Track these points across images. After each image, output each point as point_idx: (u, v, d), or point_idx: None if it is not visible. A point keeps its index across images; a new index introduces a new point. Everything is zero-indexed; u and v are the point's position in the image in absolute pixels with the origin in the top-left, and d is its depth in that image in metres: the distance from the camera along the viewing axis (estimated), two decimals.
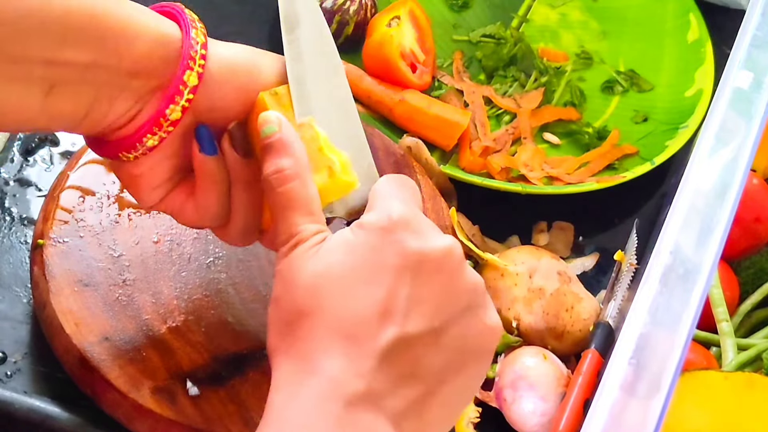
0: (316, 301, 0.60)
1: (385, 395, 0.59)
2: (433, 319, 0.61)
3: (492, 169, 0.97)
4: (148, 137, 0.67)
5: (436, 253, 0.61)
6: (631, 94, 1.07)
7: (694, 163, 0.72)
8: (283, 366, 0.60)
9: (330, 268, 0.61)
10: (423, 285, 0.61)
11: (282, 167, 0.65)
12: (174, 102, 0.66)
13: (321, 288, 0.60)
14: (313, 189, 0.65)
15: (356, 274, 0.60)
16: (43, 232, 0.82)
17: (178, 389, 0.76)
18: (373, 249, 0.61)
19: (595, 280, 0.94)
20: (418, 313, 0.60)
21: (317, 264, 0.61)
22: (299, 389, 0.58)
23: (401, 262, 0.60)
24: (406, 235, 0.61)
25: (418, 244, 0.61)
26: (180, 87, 0.66)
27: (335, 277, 0.60)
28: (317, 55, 0.68)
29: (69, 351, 0.77)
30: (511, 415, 0.83)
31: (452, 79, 1.04)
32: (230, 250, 0.83)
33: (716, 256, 0.68)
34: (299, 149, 0.66)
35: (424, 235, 0.62)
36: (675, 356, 0.64)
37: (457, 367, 0.61)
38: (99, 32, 0.64)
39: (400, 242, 0.61)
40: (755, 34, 0.78)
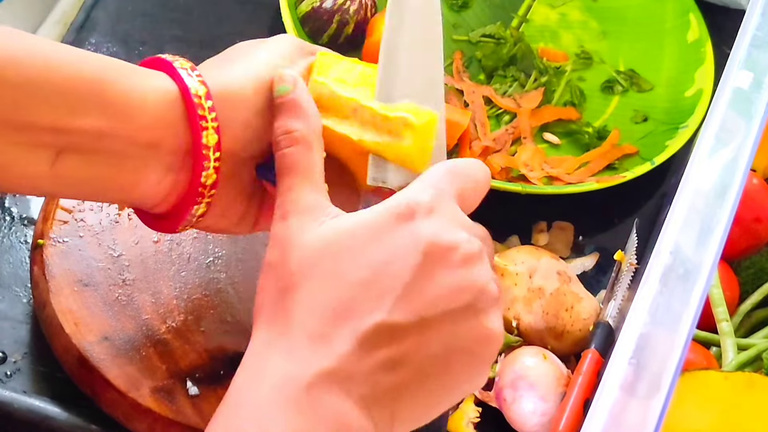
0: (308, 273, 0.59)
1: (355, 378, 0.57)
2: (425, 313, 0.59)
3: (492, 169, 0.97)
4: (195, 208, 0.66)
5: (443, 246, 0.59)
6: (631, 94, 1.07)
7: (694, 163, 0.72)
8: (257, 337, 0.59)
9: (331, 241, 0.59)
10: (422, 276, 0.59)
11: (291, 128, 0.63)
12: (204, 168, 0.65)
13: (316, 260, 0.59)
14: (318, 156, 0.63)
15: (355, 253, 0.59)
16: (43, 232, 0.82)
17: (177, 389, 0.76)
18: (380, 231, 0.59)
19: (595, 280, 0.94)
20: (410, 305, 0.58)
21: (320, 235, 0.59)
22: (264, 368, 0.57)
23: (406, 250, 0.59)
24: (420, 223, 0.59)
25: (428, 234, 0.59)
26: (204, 152, 0.64)
27: (334, 251, 0.59)
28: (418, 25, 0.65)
29: (68, 351, 0.77)
30: (511, 415, 0.83)
31: (452, 79, 1.04)
32: (230, 250, 0.83)
33: (716, 256, 0.68)
34: (311, 112, 0.64)
35: (439, 226, 0.60)
36: (675, 356, 0.64)
37: (441, 364, 0.59)
38: (105, 100, 0.62)
39: (412, 230, 0.59)
40: (755, 34, 0.78)
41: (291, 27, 1.00)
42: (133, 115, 0.63)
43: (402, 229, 0.59)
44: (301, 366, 0.57)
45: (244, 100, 0.66)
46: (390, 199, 0.60)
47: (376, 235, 0.59)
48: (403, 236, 0.59)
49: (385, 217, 0.59)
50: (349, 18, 1.03)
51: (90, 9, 1.04)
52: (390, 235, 0.59)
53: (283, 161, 0.63)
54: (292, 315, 0.58)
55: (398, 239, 0.59)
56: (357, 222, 0.60)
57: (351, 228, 0.59)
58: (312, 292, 0.58)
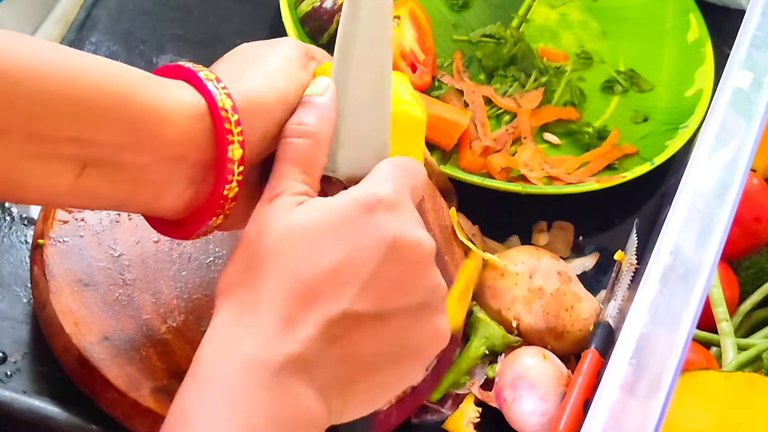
0: (279, 254, 0.60)
1: (317, 365, 0.59)
2: (383, 305, 0.60)
3: (492, 169, 0.97)
4: (213, 219, 0.66)
5: (408, 243, 0.61)
6: (631, 94, 1.07)
7: (694, 163, 0.72)
8: (224, 312, 0.60)
9: (302, 225, 0.60)
10: (385, 270, 0.60)
11: (304, 122, 0.64)
12: (228, 182, 0.65)
13: (287, 242, 0.60)
14: (322, 158, 0.64)
15: (324, 240, 0.60)
16: (43, 231, 0.82)
17: (177, 389, 0.76)
18: (348, 221, 0.61)
19: (595, 280, 0.94)
20: (372, 296, 0.60)
21: (293, 219, 0.61)
22: (232, 346, 0.58)
23: (373, 242, 0.60)
24: (386, 217, 0.61)
25: (394, 229, 0.61)
26: (228, 165, 0.64)
27: (305, 235, 0.60)
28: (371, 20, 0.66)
29: (68, 350, 0.77)
30: (511, 415, 0.83)
31: (452, 79, 1.04)
32: (230, 250, 0.83)
33: (716, 256, 0.68)
34: (329, 119, 0.65)
35: (403, 222, 0.62)
36: (675, 356, 0.64)
37: (392, 359, 0.61)
38: (130, 113, 0.62)
39: (377, 223, 0.61)
40: (755, 34, 0.78)
41: (291, 27, 1.00)
42: (158, 129, 0.63)
43: (368, 220, 0.61)
44: (271, 348, 0.58)
45: (265, 112, 0.66)
46: (355, 189, 0.62)
47: (345, 224, 0.61)
48: (369, 228, 0.61)
49: (354, 206, 0.61)
50: None
51: (91, 8, 1.04)
52: (357, 226, 0.61)
53: (287, 148, 0.64)
54: (260, 294, 0.59)
55: (365, 230, 0.61)
56: (326, 210, 0.61)
57: (320, 215, 0.61)
58: (280, 275, 0.59)
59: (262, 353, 0.58)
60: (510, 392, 0.83)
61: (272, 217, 0.61)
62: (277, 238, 0.60)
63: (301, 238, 0.60)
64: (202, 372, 0.58)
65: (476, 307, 0.87)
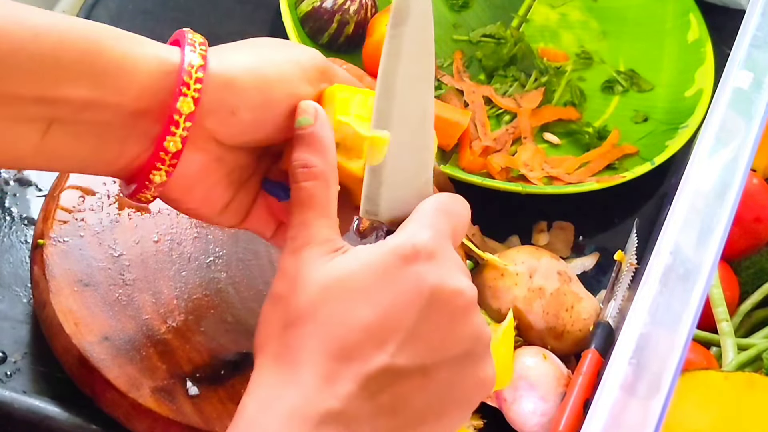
0: (316, 311, 0.59)
1: (357, 420, 0.58)
2: (427, 358, 0.59)
3: (492, 169, 0.97)
4: (153, 174, 0.65)
5: (448, 293, 0.60)
6: (631, 94, 1.07)
7: (694, 163, 0.72)
8: (265, 369, 0.59)
9: (340, 280, 0.59)
10: (426, 322, 0.59)
11: (309, 163, 0.63)
12: (171, 133, 0.63)
13: (325, 298, 0.59)
14: (334, 192, 0.63)
15: (363, 293, 0.59)
16: (43, 231, 0.82)
17: (177, 389, 0.76)
18: (387, 272, 0.59)
19: (595, 280, 0.94)
20: (413, 349, 0.59)
21: (329, 272, 0.60)
22: (275, 401, 0.58)
23: (412, 294, 0.59)
24: (424, 268, 0.60)
25: (433, 280, 0.59)
26: (174, 117, 0.63)
27: (342, 289, 0.59)
28: (413, 58, 0.65)
29: (69, 351, 0.77)
30: (511, 415, 0.83)
31: (452, 79, 1.04)
32: (230, 250, 0.83)
33: (716, 256, 0.68)
34: (330, 148, 0.64)
35: (444, 271, 0.60)
36: (675, 356, 0.64)
37: (438, 411, 0.60)
38: (95, 67, 0.61)
39: (417, 274, 0.59)
40: (755, 34, 0.78)
41: (291, 27, 1.00)
42: (122, 82, 0.62)
43: (407, 272, 0.59)
44: (311, 404, 0.57)
45: (239, 89, 0.65)
46: (393, 239, 0.61)
47: (382, 276, 0.59)
48: (407, 280, 0.59)
49: (391, 258, 0.60)
50: (350, 18, 1.03)
51: (90, 8, 1.04)
52: (395, 278, 0.59)
53: (300, 194, 0.63)
54: (299, 352, 0.58)
55: (403, 282, 0.59)
56: (363, 262, 0.60)
57: (357, 268, 0.60)
58: (319, 331, 0.58)
59: (303, 408, 0.57)
60: (510, 392, 0.83)
61: (305, 272, 0.60)
62: (313, 295, 0.59)
63: (339, 294, 0.59)
64: (244, 425, 0.58)
65: None
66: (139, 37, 0.64)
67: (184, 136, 0.63)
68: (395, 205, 0.65)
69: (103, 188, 0.85)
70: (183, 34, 0.65)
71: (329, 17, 1.02)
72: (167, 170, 0.65)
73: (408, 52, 0.65)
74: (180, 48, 0.64)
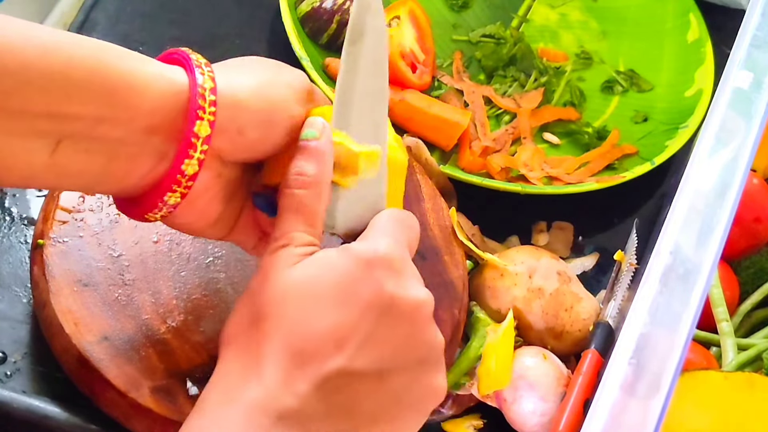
0: (280, 309, 0.61)
1: (313, 419, 0.60)
2: (383, 363, 0.62)
3: (492, 169, 0.97)
4: (168, 195, 0.65)
5: (407, 303, 0.63)
6: (631, 94, 1.07)
7: (694, 163, 0.73)
8: (229, 361, 0.62)
9: (304, 280, 0.62)
10: (384, 327, 0.62)
11: (305, 172, 0.65)
12: (189, 156, 0.64)
13: (290, 297, 0.62)
14: (323, 206, 0.65)
15: (325, 296, 0.61)
16: (43, 232, 0.82)
17: (177, 389, 0.76)
18: (349, 277, 0.62)
19: (595, 280, 0.94)
20: (370, 353, 0.61)
21: (295, 273, 0.62)
22: (236, 394, 0.60)
23: (372, 300, 0.62)
24: (385, 274, 0.62)
25: (393, 287, 0.62)
26: (192, 140, 0.64)
27: (305, 291, 0.62)
28: (369, 73, 0.68)
29: (68, 351, 0.77)
30: (511, 415, 0.83)
31: (452, 79, 1.04)
32: (229, 250, 0.83)
33: (716, 256, 0.68)
34: (328, 163, 0.66)
35: (403, 281, 0.63)
36: (675, 356, 0.64)
37: (391, 415, 0.62)
38: (104, 85, 0.62)
39: (378, 280, 0.62)
40: (755, 34, 0.78)
41: (291, 27, 1.00)
42: (133, 100, 0.63)
43: (367, 278, 0.62)
44: (271, 401, 0.59)
45: (246, 110, 0.66)
46: (355, 244, 0.64)
47: (344, 280, 0.62)
48: (368, 285, 0.62)
49: (352, 263, 0.62)
50: None
51: (89, 10, 1.04)
52: (356, 283, 0.62)
53: (290, 200, 0.65)
54: (262, 349, 0.61)
55: (364, 287, 0.62)
56: (326, 265, 0.63)
57: (321, 271, 0.62)
58: (282, 330, 0.61)
59: (263, 403, 0.59)
60: (510, 392, 0.83)
61: (275, 270, 0.63)
62: (279, 293, 0.62)
63: (302, 295, 0.62)
64: (206, 415, 0.60)
65: (476, 307, 0.87)
66: (141, 55, 0.65)
67: (201, 159, 0.65)
68: (351, 217, 0.68)
69: None
70: (185, 55, 0.66)
71: (329, 17, 1.02)
72: (183, 192, 0.66)
73: (364, 68, 0.67)
74: (185, 69, 0.65)
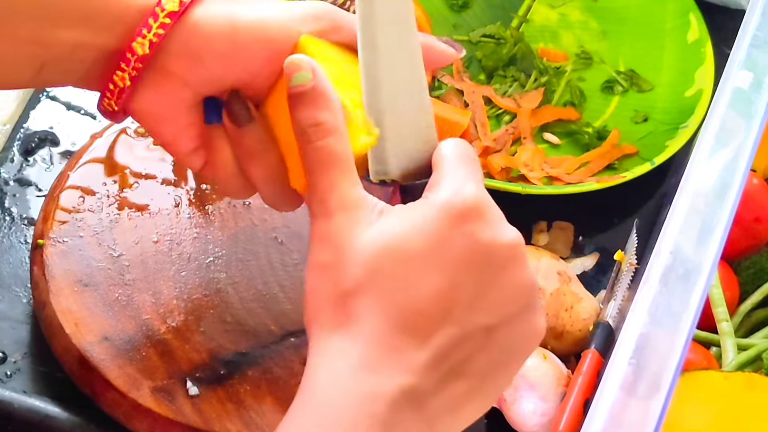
0: (375, 281, 0.56)
1: (429, 394, 0.56)
2: (490, 318, 0.58)
3: (492, 169, 0.97)
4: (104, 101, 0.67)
5: (504, 249, 0.58)
6: (631, 94, 1.07)
7: (694, 163, 0.73)
8: (325, 341, 0.57)
9: (394, 245, 0.57)
10: (486, 282, 0.58)
11: (321, 120, 0.60)
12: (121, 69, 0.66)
13: (382, 266, 0.56)
14: (349, 145, 0.60)
15: (421, 261, 0.57)
16: (43, 232, 0.82)
17: (177, 389, 0.76)
18: (443, 234, 0.57)
19: (595, 280, 0.94)
20: (478, 312, 0.57)
21: (379, 237, 0.57)
22: (345, 378, 0.56)
23: (471, 256, 0.57)
24: (478, 225, 0.58)
25: (490, 236, 0.58)
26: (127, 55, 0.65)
27: (400, 257, 0.57)
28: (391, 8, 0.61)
29: (68, 351, 0.77)
30: (511, 415, 0.83)
31: (452, 79, 1.04)
32: (230, 250, 0.83)
33: (716, 256, 0.68)
34: (335, 100, 0.61)
35: (496, 226, 0.59)
36: (675, 356, 0.64)
37: (498, 366, 0.59)
38: (87, 11, 0.64)
39: (473, 233, 0.57)
40: (755, 34, 0.78)
41: None
42: (109, 25, 0.65)
43: (461, 233, 0.58)
44: (383, 380, 0.56)
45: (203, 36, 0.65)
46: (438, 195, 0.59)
47: (437, 239, 0.57)
48: (464, 241, 0.58)
49: (443, 217, 0.58)
50: None
51: None
52: (451, 240, 0.57)
53: (318, 155, 0.60)
54: (361, 323, 0.56)
55: (460, 245, 0.57)
56: (414, 224, 0.58)
57: (410, 231, 0.57)
58: (382, 301, 0.56)
59: (376, 385, 0.55)
60: (510, 392, 0.83)
61: (351, 238, 0.57)
62: (368, 262, 0.57)
63: (396, 260, 0.57)
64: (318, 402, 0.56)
65: None
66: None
67: (133, 75, 0.66)
68: (403, 158, 0.63)
69: (103, 188, 0.85)
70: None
71: None
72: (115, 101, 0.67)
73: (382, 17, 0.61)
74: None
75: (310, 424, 0.55)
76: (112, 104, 0.67)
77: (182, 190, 0.86)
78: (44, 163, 0.93)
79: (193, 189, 0.86)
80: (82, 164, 0.86)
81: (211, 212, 0.85)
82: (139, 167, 0.86)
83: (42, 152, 0.93)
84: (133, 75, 0.66)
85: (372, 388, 0.55)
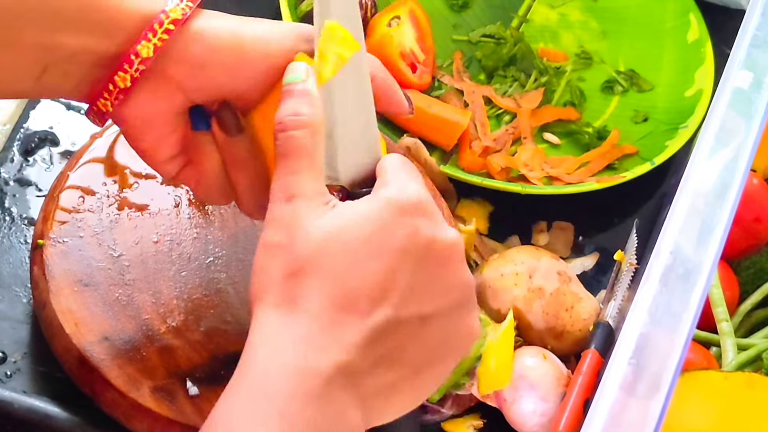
0: (321, 262, 0.60)
1: (362, 373, 0.59)
2: (425, 308, 0.61)
3: (492, 169, 0.97)
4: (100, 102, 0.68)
5: (443, 245, 0.62)
6: (631, 94, 1.07)
7: (694, 163, 0.73)
8: (270, 318, 0.60)
9: (341, 231, 0.61)
10: (424, 272, 0.61)
11: (300, 112, 0.64)
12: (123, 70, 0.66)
13: (329, 249, 0.60)
14: (321, 145, 0.64)
15: (365, 247, 0.60)
16: (43, 232, 0.82)
17: (177, 389, 0.76)
18: (387, 225, 0.61)
19: (595, 280, 0.94)
20: (413, 300, 0.61)
21: (328, 223, 0.61)
22: (284, 352, 0.59)
23: (410, 246, 0.61)
24: (420, 220, 0.62)
25: (429, 231, 0.62)
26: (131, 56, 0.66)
27: (345, 243, 0.60)
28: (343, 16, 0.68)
29: (68, 351, 0.77)
30: (511, 415, 0.83)
31: (452, 79, 1.04)
32: (230, 250, 0.83)
33: (716, 256, 0.68)
34: (318, 104, 0.65)
35: (436, 223, 0.62)
36: (675, 356, 0.64)
37: (433, 359, 0.62)
38: (91, 17, 0.65)
39: (413, 226, 0.61)
40: (755, 34, 0.78)
41: None
42: (111, 31, 0.66)
43: (403, 224, 0.61)
44: (320, 355, 0.59)
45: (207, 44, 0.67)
46: (385, 191, 0.63)
47: (381, 228, 0.61)
48: (405, 233, 0.61)
49: (387, 211, 0.61)
50: None
51: None
52: (393, 230, 0.61)
53: (288, 144, 0.64)
54: (304, 301, 0.60)
55: (401, 236, 0.61)
56: (362, 214, 0.61)
57: (357, 219, 0.61)
58: (325, 281, 0.60)
59: (313, 361, 0.58)
60: (510, 392, 0.83)
61: (304, 222, 0.61)
62: (316, 244, 0.60)
63: (341, 245, 0.60)
64: (256, 369, 0.59)
65: None
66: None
67: (135, 76, 0.67)
68: (352, 166, 0.67)
69: (103, 188, 0.85)
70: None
71: None
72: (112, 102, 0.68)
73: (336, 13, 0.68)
74: None
75: (247, 396, 0.58)
76: (108, 105, 0.68)
77: (182, 190, 0.86)
78: (44, 163, 0.93)
79: None
80: (82, 164, 0.86)
81: (211, 212, 0.85)
82: (139, 167, 0.86)
83: (42, 152, 0.93)
84: (136, 76, 0.67)
85: (309, 363, 0.58)
